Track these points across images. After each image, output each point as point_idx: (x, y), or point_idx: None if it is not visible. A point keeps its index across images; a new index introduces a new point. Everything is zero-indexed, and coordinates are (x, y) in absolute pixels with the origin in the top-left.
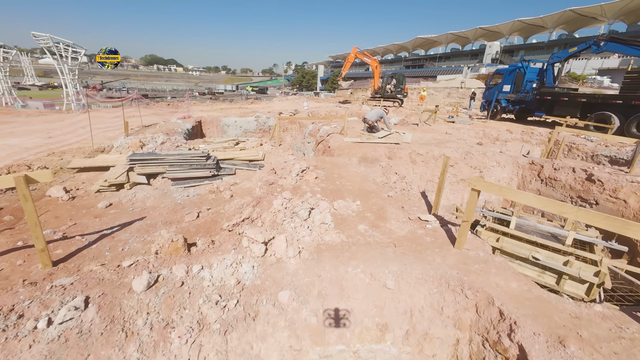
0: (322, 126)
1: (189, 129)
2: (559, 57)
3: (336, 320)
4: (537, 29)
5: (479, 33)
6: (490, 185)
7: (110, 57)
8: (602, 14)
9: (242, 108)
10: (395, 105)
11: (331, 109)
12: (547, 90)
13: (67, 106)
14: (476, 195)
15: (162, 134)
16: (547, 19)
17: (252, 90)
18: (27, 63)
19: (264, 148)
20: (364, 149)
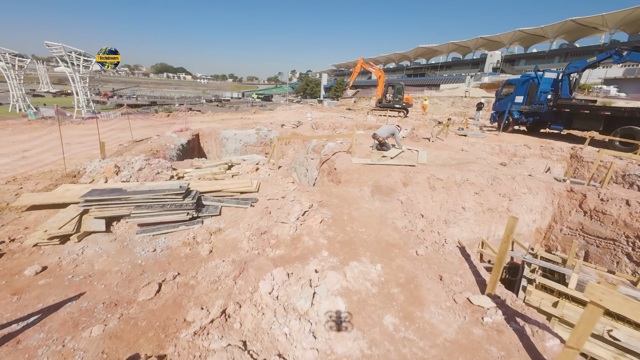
0: (327, 142)
1: (183, 144)
2: (575, 67)
3: None
4: (538, 38)
5: (480, 42)
6: (624, 301)
7: (110, 57)
8: (604, 24)
9: (244, 119)
10: (400, 115)
11: (335, 120)
12: (565, 102)
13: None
14: (598, 313)
15: (143, 156)
16: (547, 29)
17: (257, 97)
18: (43, 71)
19: (260, 174)
20: (376, 173)
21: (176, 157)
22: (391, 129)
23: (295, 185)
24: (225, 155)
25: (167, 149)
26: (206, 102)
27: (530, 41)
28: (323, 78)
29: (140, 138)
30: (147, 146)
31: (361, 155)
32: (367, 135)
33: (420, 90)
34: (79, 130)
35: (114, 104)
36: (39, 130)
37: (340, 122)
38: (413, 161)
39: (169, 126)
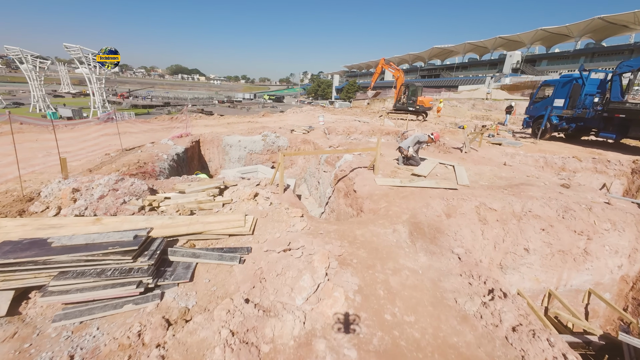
0: (343, 155)
1: (179, 154)
2: (630, 66)
3: None
4: (561, 37)
5: (499, 42)
6: None
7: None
8: (636, 22)
9: (252, 122)
10: (419, 119)
11: (349, 124)
12: (618, 107)
13: (93, 113)
14: None
15: (114, 175)
16: (573, 28)
17: (269, 98)
18: (64, 72)
19: (259, 202)
20: (409, 200)
21: (168, 170)
22: (418, 136)
23: (304, 221)
24: (228, 165)
25: (159, 159)
26: (218, 103)
27: (553, 41)
28: (335, 79)
29: (134, 145)
30: (134, 157)
31: (386, 172)
32: (389, 144)
33: (437, 91)
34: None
35: (129, 105)
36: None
37: (355, 127)
38: (452, 182)
39: (169, 131)
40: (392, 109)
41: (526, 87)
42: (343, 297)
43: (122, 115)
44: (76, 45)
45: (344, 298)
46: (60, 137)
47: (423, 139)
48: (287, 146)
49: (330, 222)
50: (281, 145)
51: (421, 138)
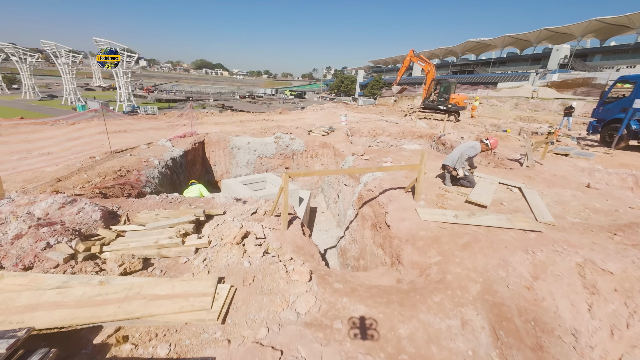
0: (369, 162)
1: (175, 158)
2: None
3: None
4: (620, 29)
5: (544, 35)
6: None
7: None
8: None
9: (266, 121)
10: (450, 119)
11: (376, 124)
12: None
13: (119, 107)
14: None
15: (61, 197)
16: (635, 18)
17: (290, 94)
18: (96, 66)
19: (248, 249)
20: (475, 252)
21: (158, 178)
22: (467, 148)
23: (311, 291)
24: (235, 170)
25: (148, 166)
26: (240, 98)
27: (609, 32)
28: (359, 75)
29: (128, 146)
30: (118, 163)
31: (429, 195)
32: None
33: (472, 89)
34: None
35: (154, 99)
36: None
37: (382, 128)
38: (527, 217)
39: (174, 129)
40: (419, 107)
41: (577, 84)
42: None
43: (145, 109)
44: (105, 39)
45: None
46: (53, 135)
47: (473, 152)
48: (303, 150)
49: (355, 293)
50: (296, 148)
51: (471, 152)
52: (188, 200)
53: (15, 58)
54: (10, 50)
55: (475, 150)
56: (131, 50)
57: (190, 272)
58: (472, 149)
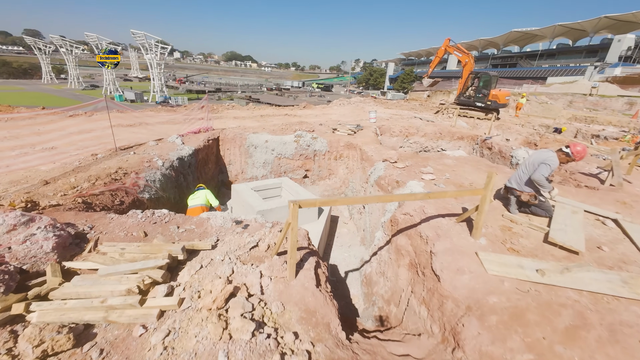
0: (407, 179)
1: (184, 157)
2: None
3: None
4: None
5: (603, 24)
6: None
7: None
8: None
9: (289, 116)
10: (488, 117)
11: (408, 123)
12: None
13: (152, 97)
14: None
15: (15, 214)
16: None
17: (317, 87)
18: (134, 58)
19: (229, 326)
20: (579, 341)
21: (160, 181)
22: (539, 163)
23: None
24: (250, 170)
25: (151, 167)
26: (267, 90)
27: None
28: (389, 67)
29: (137, 142)
30: (116, 162)
31: (492, 230)
32: (467, 162)
33: (517, 84)
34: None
35: (185, 90)
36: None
37: (417, 127)
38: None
39: (192, 122)
40: (453, 103)
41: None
42: None
43: (176, 99)
44: (141, 31)
45: None
46: (66, 126)
47: (549, 170)
48: (326, 150)
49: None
50: (318, 149)
51: (546, 169)
52: (177, 220)
53: (64, 50)
54: (59, 42)
55: (553, 163)
56: (165, 42)
57: (143, 357)
58: (547, 165)
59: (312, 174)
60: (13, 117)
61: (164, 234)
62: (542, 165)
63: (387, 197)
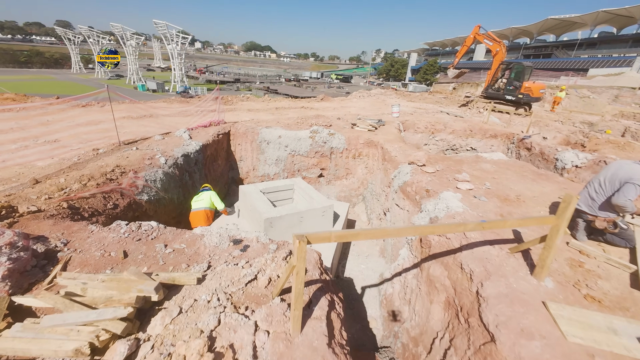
0: (439, 189)
1: (190, 154)
2: None
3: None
4: None
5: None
6: None
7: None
8: None
9: (305, 109)
10: (518, 113)
11: (435, 118)
12: None
13: (173, 87)
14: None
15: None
16: None
17: (336, 78)
18: (157, 48)
19: None
20: None
21: (161, 181)
22: (626, 178)
23: None
24: (262, 167)
25: (152, 165)
26: (285, 81)
27: None
28: (411, 58)
29: (144, 135)
30: (115, 160)
31: (557, 266)
32: (510, 166)
33: (553, 76)
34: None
35: (204, 80)
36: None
37: (444, 122)
38: None
39: (205, 114)
40: (479, 96)
41: None
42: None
43: (196, 90)
44: (163, 21)
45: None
46: (75, 116)
47: (635, 193)
48: (344, 148)
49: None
50: (335, 146)
51: (629, 192)
52: (165, 236)
53: (91, 40)
54: (87, 33)
55: None
56: (186, 32)
57: None
58: (636, 186)
59: (328, 173)
60: (25, 107)
61: (148, 254)
62: (629, 186)
63: (427, 229)
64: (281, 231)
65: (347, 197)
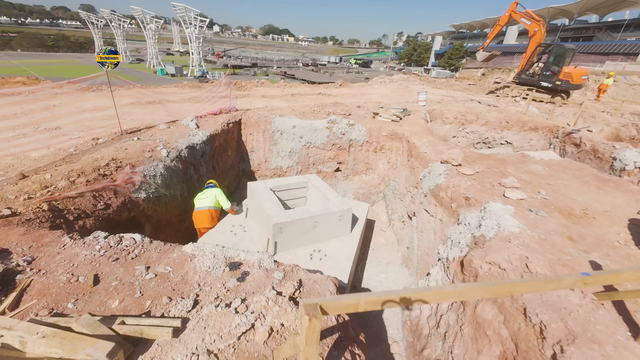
0: (483, 197)
1: (195, 145)
2: None
3: None
4: None
5: None
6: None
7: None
8: None
9: (323, 95)
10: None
11: (465, 107)
12: None
13: (191, 72)
14: None
15: None
16: None
17: (355, 63)
18: (176, 32)
19: None
20: None
21: (162, 176)
22: None
23: None
24: (275, 160)
25: (152, 158)
26: (303, 66)
27: None
28: (436, 41)
29: (150, 123)
30: (111, 153)
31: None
32: (563, 165)
33: (597, 61)
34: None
35: (222, 64)
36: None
37: (476, 112)
38: None
39: (216, 101)
40: (511, 81)
41: None
42: None
43: (213, 74)
44: (181, 4)
45: None
46: (85, 98)
47: None
48: (364, 140)
49: None
50: (355, 138)
51: None
52: (149, 254)
53: (113, 24)
54: (109, 17)
55: None
56: (204, 15)
57: None
58: None
59: (346, 167)
60: (35, 90)
61: (124, 280)
62: None
63: (501, 288)
64: (292, 237)
65: (365, 195)
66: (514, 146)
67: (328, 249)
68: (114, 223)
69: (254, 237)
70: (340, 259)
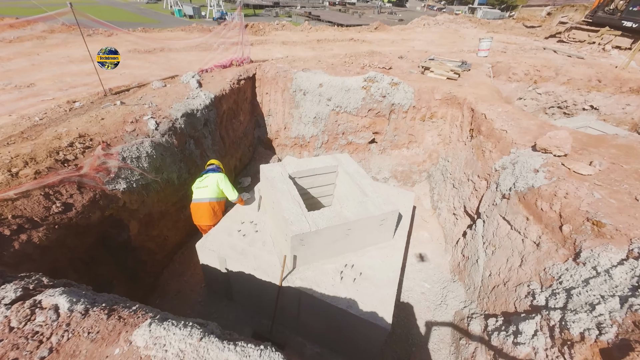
0: (621, 221)
1: (195, 111)
2: None
3: None
4: None
5: None
6: None
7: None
8: None
9: (355, 41)
10: (633, 46)
11: (538, 60)
12: None
13: (209, 12)
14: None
15: None
16: None
17: (388, 1)
18: None
19: None
20: None
21: (150, 158)
22: None
23: None
24: (296, 127)
25: (135, 132)
26: (329, 5)
27: None
28: None
29: (143, 79)
30: (83, 124)
31: None
32: None
33: None
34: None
35: (242, 4)
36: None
37: (556, 67)
38: None
39: (228, 49)
40: (581, 22)
41: None
42: None
43: (232, 15)
44: None
45: None
46: (77, 45)
47: None
48: (411, 106)
49: None
50: (398, 102)
51: None
52: (75, 342)
53: None
54: None
55: None
56: None
57: None
58: None
59: (383, 138)
60: (20, 37)
61: None
62: None
63: None
64: (317, 249)
65: (405, 173)
66: (601, 113)
67: (363, 263)
68: (82, 229)
69: (268, 240)
70: (380, 281)
